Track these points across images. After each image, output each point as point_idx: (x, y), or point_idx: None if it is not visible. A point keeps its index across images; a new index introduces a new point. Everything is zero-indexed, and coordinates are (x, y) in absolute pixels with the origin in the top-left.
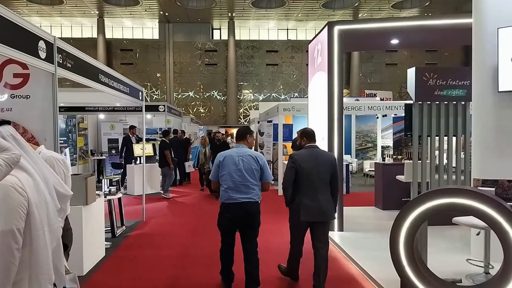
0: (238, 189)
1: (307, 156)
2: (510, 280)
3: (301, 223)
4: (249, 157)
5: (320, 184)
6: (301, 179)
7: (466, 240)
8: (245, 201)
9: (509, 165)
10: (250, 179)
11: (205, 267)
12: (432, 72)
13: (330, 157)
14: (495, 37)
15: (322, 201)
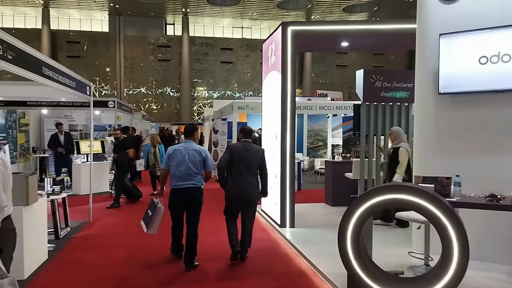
0: (184, 177)
1: (241, 148)
2: (448, 271)
3: (234, 200)
4: (194, 151)
5: (248, 172)
6: (234, 166)
7: (408, 234)
8: (190, 186)
9: (447, 163)
10: (194, 169)
11: (154, 268)
12: (378, 74)
13: (259, 150)
14: (436, 43)
15: (249, 185)
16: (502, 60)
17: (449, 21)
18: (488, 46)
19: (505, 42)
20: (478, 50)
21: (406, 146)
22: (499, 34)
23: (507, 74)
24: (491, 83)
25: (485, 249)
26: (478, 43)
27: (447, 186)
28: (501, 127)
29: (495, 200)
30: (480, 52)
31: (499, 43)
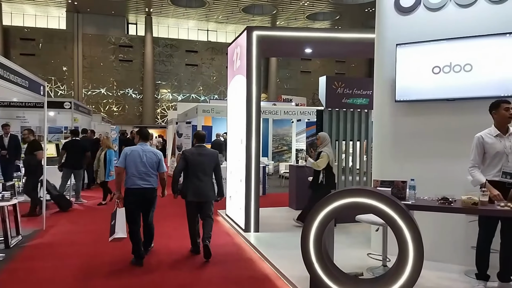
0: (141, 177)
1: (195, 153)
2: (404, 272)
3: (191, 202)
4: (151, 152)
5: (203, 174)
6: (190, 170)
7: (367, 236)
8: (146, 186)
9: (403, 167)
10: (151, 170)
11: (111, 276)
12: (340, 81)
13: (213, 153)
14: (393, 53)
15: (205, 186)
16: (454, 70)
17: (405, 31)
18: (441, 57)
19: (456, 53)
20: (431, 60)
21: (327, 150)
22: (451, 45)
23: (458, 83)
24: (443, 92)
25: (438, 249)
26: (431, 53)
27: (403, 189)
28: (452, 133)
29: (447, 202)
30: (433, 62)
31: (451, 54)
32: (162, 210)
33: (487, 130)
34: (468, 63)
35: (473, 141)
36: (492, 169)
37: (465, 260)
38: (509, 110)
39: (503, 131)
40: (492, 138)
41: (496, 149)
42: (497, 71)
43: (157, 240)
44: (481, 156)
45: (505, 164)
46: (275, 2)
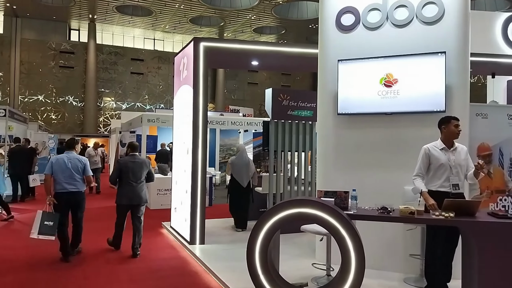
0: (67, 181)
1: (128, 161)
2: (347, 281)
3: (123, 206)
4: (75, 159)
5: (136, 180)
6: (124, 177)
7: (312, 245)
8: (73, 190)
9: (345, 178)
10: (76, 175)
11: (38, 269)
12: (285, 93)
13: (144, 161)
14: (335, 68)
15: (137, 191)
16: None
17: (346, 48)
18: (379, 73)
19: (392, 70)
20: (370, 75)
21: (232, 159)
22: (388, 62)
23: (394, 98)
24: (381, 106)
25: (379, 258)
26: (370, 69)
27: (345, 199)
28: (390, 145)
29: (386, 212)
30: (372, 77)
31: (388, 71)
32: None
33: (433, 142)
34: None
35: (420, 152)
36: (437, 180)
37: (404, 268)
38: (458, 127)
39: (448, 145)
40: (437, 151)
41: (441, 161)
42: (429, 87)
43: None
44: (426, 166)
45: (451, 176)
46: (223, 15)
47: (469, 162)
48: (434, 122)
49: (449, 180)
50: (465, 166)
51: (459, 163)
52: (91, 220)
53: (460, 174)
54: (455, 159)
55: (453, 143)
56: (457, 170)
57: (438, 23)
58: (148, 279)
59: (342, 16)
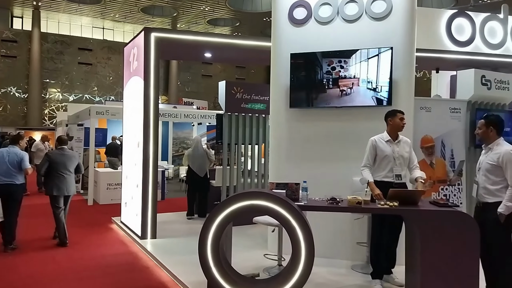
0: (5, 174)
1: (57, 154)
2: (297, 270)
3: (55, 196)
4: (14, 154)
5: (66, 172)
6: (53, 169)
7: (264, 237)
8: (9, 182)
9: (297, 170)
10: (13, 169)
11: None
12: (239, 86)
13: (73, 154)
14: (288, 61)
15: (67, 182)
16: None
17: (298, 42)
18: (329, 67)
19: (342, 64)
20: (321, 69)
21: (188, 151)
22: (338, 56)
23: (343, 92)
24: (331, 100)
25: (328, 247)
26: (321, 63)
27: (296, 191)
28: (339, 137)
29: (335, 202)
30: (323, 71)
31: (338, 65)
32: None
33: (380, 135)
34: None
35: (367, 144)
36: (381, 170)
37: (352, 255)
38: (403, 120)
39: (393, 137)
40: (383, 143)
41: (385, 153)
42: (376, 82)
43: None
44: (373, 157)
45: (395, 168)
46: (176, 5)
47: (412, 155)
48: (381, 115)
49: (392, 171)
50: (408, 158)
51: (402, 154)
52: (31, 217)
53: (403, 165)
54: (399, 151)
55: (398, 135)
56: (400, 162)
57: (386, 19)
58: (96, 276)
59: (294, 9)
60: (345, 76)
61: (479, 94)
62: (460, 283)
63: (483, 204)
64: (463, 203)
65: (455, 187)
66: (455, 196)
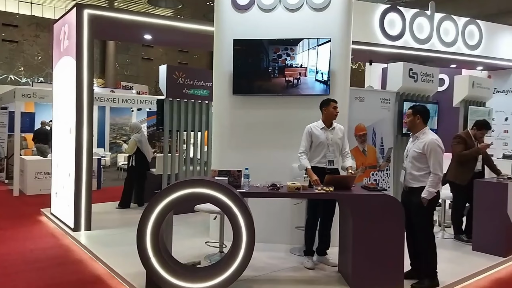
0: None
1: None
2: (238, 255)
3: None
4: None
5: None
6: None
7: (206, 224)
8: None
9: (239, 157)
10: None
11: None
12: (181, 71)
13: None
14: (231, 47)
15: None
16: None
17: (241, 28)
18: (272, 55)
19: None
20: (264, 57)
21: (135, 137)
22: (280, 45)
23: (285, 81)
24: (274, 88)
25: (268, 232)
26: (264, 51)
27: (238, 178)
28: (281, 125)
29: (275, 188)
30: (265, 59)
31: (280, 54)
32: None
33: (315, 122)
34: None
35: (304, 131)
36: (316, 156)
37: (291, 239)
38: (336, 108)
39: (328, 125)
40: (318, 130)
41: (320, 140)
42: (316, 71)
43: None
44: (309, 144)
45: (327, 154)
46: None
47: (345, 141)
48: (318, 104)
49: (326, 157)
50: (341, 144)
51: (335, 141)
52: None
53: (336, 152)
54: (333, 138)
55: (332, 123)
56: (333, 148)
57: (326, 10)
58: (24, 271)
59: None
60: (289, 64)
61: (407, 86)
62: (388, 260)
63: (409, 188)
64: (390, 187)
65: (384, 173)
66: (384, 181)
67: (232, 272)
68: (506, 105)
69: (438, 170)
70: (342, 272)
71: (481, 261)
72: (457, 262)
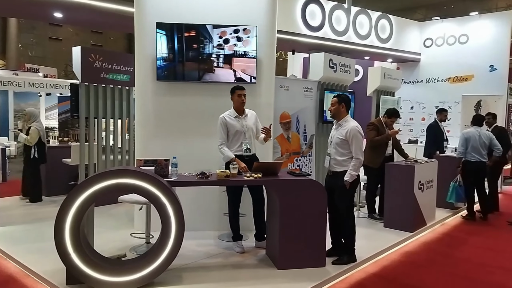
0: None
1: None
2: (167, 245)
3: None
4: None
5: None
6: None
7: (131, 215)
8: None
9: (166, 145)
10: None
11: None
12: (98, 54)
13: None
14: (154, 30)
15: None
16: None
17: (165, 11)
18: (197, 41)
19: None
20: (189, 42)
21: (36, 125)
22: (207, 30)
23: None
24: (200, 74)
25: (197, 220)
26: (190, 36)
27: (165, 167)
28: (208, 112)
29: (205, 177)
30: (190, 45)
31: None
32: None
33: (228, 111)
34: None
35: (218, 122)
36: (234, 145)
37: (219, 226)
38: (241, 96)
39: (240, 112)
40: (232, 119)
41: (236, 128)
42: (243, 58)
43: None
44: (226, 134)
45: (244, 141)
46: None
47: (258, 125)
48: (249, 91)
49: (242, 145)
50: (255, 129)
51: (250, 127)
52: None
53: (252, 138)
54: (247, 124)
55: (244, 110)
56: (249, 134)
57: None
58: None
59: None
60: (215, 51)
61: (327, 76)
62: (311, 240)
63: (333, 173)
64: (313, 172)
65: (307, 158)
66: (307, 166)
67: (161, 262)
68: (412, 94)
69: (359, 155)
70: (269, 255)
71: (392, 236)
72: (371, 239)
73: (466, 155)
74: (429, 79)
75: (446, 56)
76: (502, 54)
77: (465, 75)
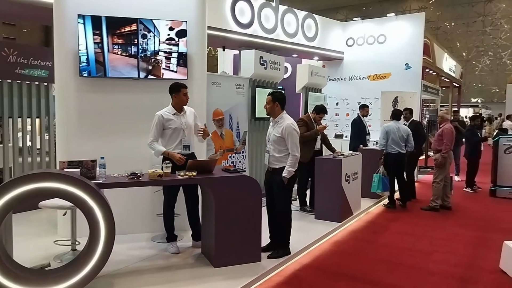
0: None
1: None
2: (96, 251)
3: None
4: None
5: None
6: None
7: (53, 222)
8: None
9: (92, 145)
10: None
11: None
12: (12, 48)
13: None
14: (76, 23)
15: None
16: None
17: (88, 2)
18: (123, 35)
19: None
20: (117, 36)
21: None
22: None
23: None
24: (128, 70)
25: (128, 222)
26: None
27: (92, 168)
28: (138, 110)
29: (136, 177)
30: (119, 38)
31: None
32: None
33: (166, 108)
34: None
35: (154, 119)
36: (173, 142)
37: (152, 227)
38: (186, 94)
39: (179, 110)
40: (170, 116)
41: (175, 125)
42: (172, 54)
43: None
44: (160, 132)
45: (183, 138)
46: None
47: (197, 121)
48: None
49: (181, 143)
50: (194, 127)
51: (189, 125)
52: None
53: (191, 135)
54: (186, 122)
55: (183, 107)
56: (188, 132)
57: None
58: None
59: None
60: (144, 47)
61: (258, 73)
62: (247, 236)
63: (272, 169)
64: (247, 168)
65: (241, 155)
66: (241, 163)
67: (90, 270)
68: (337, 91)
69: (296, 151)
70: (205, 253)
71: (323, 227)
72: (304, 230)
73: (387, 147)
74: (352, 77)
75: (366, 55)
76: (416, 53)
77: (383, 73)
